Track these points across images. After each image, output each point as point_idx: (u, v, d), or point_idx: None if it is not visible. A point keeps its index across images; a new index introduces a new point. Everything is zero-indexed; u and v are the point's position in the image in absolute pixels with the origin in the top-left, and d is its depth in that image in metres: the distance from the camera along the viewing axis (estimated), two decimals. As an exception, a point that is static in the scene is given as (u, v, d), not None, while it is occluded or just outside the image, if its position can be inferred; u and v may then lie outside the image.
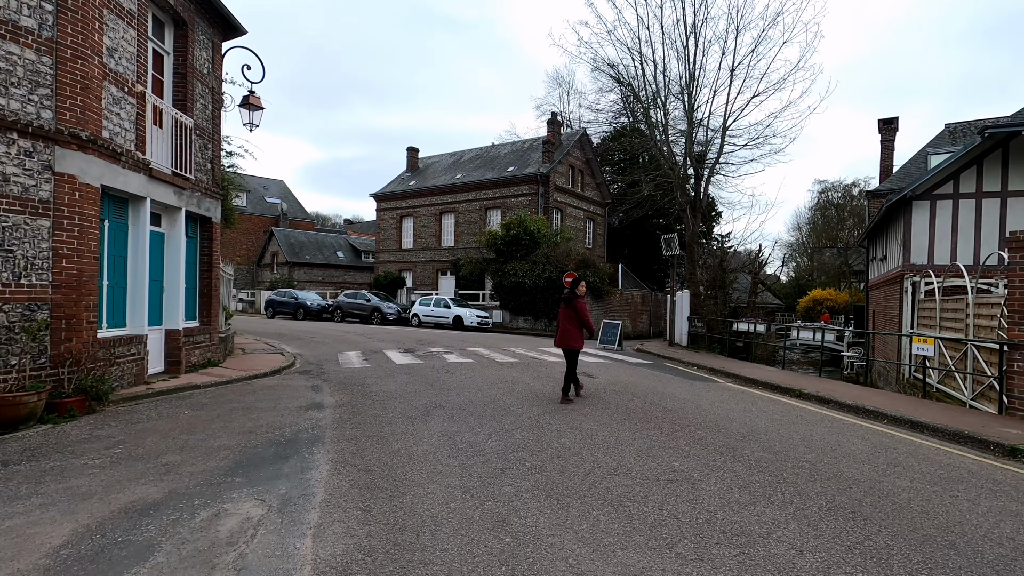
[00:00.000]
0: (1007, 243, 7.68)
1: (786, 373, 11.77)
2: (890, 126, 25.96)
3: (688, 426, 6.47)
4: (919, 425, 7.02)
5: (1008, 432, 6.52)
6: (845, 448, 5.76)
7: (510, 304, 26.70)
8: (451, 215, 34.36)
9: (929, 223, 14.45)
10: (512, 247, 26.42)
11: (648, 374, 11.22)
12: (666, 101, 17.63)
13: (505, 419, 6.57)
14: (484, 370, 10.77)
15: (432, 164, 39.57)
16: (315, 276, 42.69)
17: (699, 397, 8.63)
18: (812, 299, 47.10)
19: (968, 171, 14.03)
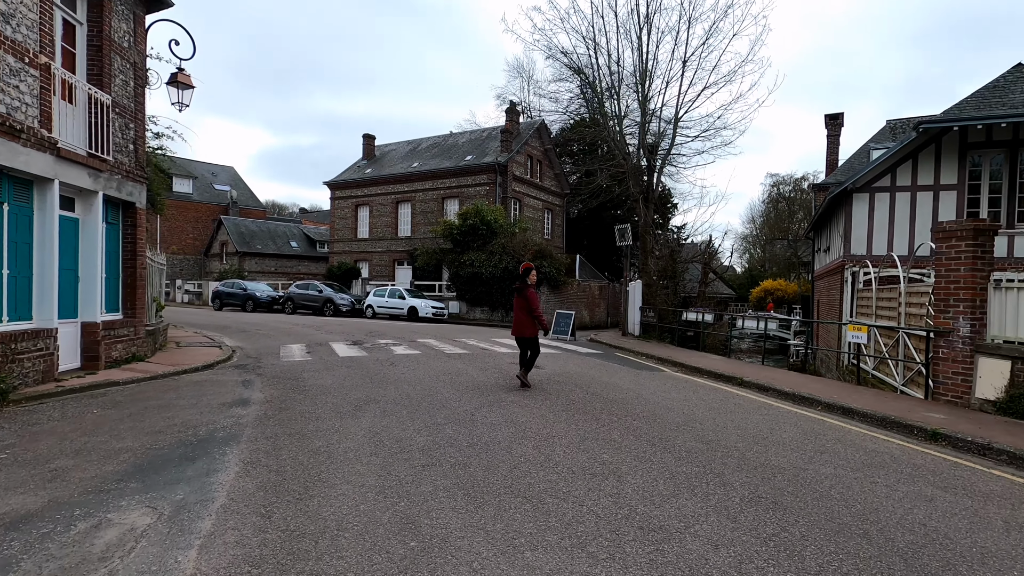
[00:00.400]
0: (934, 234, 7.90)
1: (730, 361, 11.96)
2: (836, 121, 26.79)
3: (626, 416, 6.40)
4: (850, 411, 7.17)
5: (931, 417, 6.71)
6: (776, 436, 5.79)
7: (467, 295, 26.41)
8: (408, 204, 33.71)
9: (868, 215, 14.92)
10: (468, 237, 26.09)
11: (596, 364, 11.19)
12: (620, 91, 17.61)
13: (439, 413, 6.35)
14: (430, 362, 10.51)
15: (389, 152, 38.69)
16: (267, 266, 41.28)
17: (642, 387, 8.61)
18: (763, 289, 48.66)
19: (904, 165, 14.53)
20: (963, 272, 7.44)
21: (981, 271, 7.38)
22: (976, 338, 7.38)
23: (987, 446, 5.52)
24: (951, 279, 7.60)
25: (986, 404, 7.19)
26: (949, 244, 7.64)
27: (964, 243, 7.43)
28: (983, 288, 7.39)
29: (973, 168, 14.07)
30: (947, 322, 7.66)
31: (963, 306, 7.44)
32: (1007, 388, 6.96)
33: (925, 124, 13.32)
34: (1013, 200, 13.68)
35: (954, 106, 13.77)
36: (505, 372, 9.53)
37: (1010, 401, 6.85)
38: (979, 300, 7.38)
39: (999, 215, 13.79)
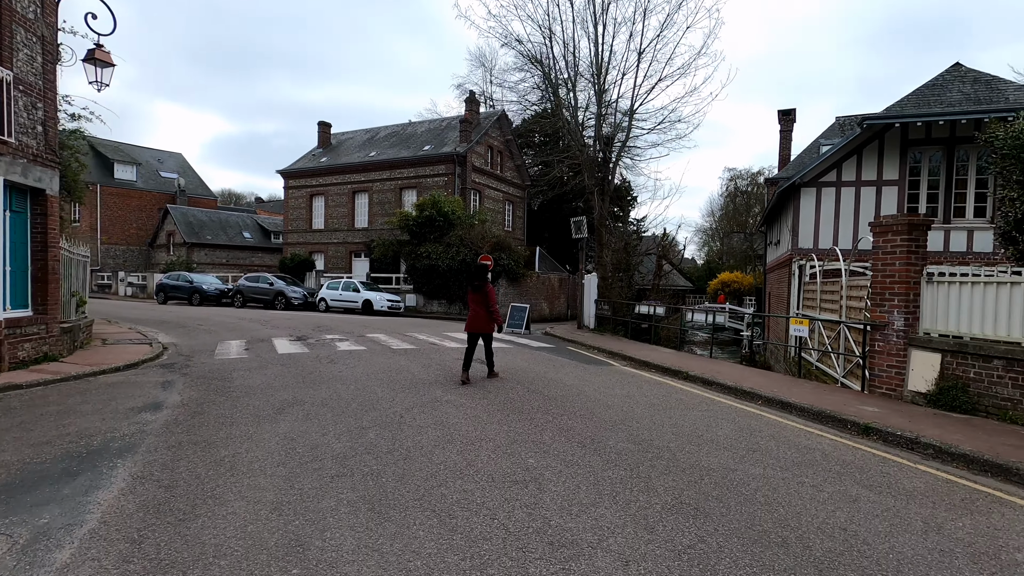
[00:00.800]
0: (871, 228, 7.97)
1: (680, 355, 11.98)
2: (788, 117, 27.33)
3: (562, 416, 6.20)
4: (788, 406, 7.17)
5: (865, 410, 6.76)
6: (712, 434, 5.69)
7: (424, 287, 25.93)
8: (365, 194, 32.84)
9: (815, 209, 15.19)
10: (425, 228, 25.57)
11: (545, 359, 11.01)
12: (576, 82, 17.40)
13: (367, 416, 6.01)
14: (373, 359, 10.11)
15: (346, 141, 37.60)
16: (218, 258, 39.67)
17: (586, 382, 8.45)
18: (721, 281, 49.71)
19: (849, 160, 14.82)
20: (898, 266, 7.52)
21: (915, 265, 7.47)
22: (909, 331, 7.48)
23: (915, 440, 5.55)
24: (886, 273, 7.68)
25: (918, 396, 7.31)
26: (885, 238, 7.71)
27: (899, 237, 7.50)
28: (916, 282, 7.49)
29: (914, 164, 14.47)
30: (882, 316, 7.74)
31: (897, 300, 7.53)
32: (937, 380, 7.07)
33: (869, 120, 13.58)
34: (950, 196, 14.13)
35: (896, 103, 14.09)
36: (449, 369, 9.23)
37: (940, 393, 6.96)
38: (912, 294, 7.48)
39: (936, 210, 14.23)
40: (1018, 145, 6.33)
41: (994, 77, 14.25)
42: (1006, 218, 6.60)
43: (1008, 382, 6.33)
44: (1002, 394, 6.39)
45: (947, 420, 6.33)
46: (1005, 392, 6.36)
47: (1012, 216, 6.45)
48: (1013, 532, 3.59)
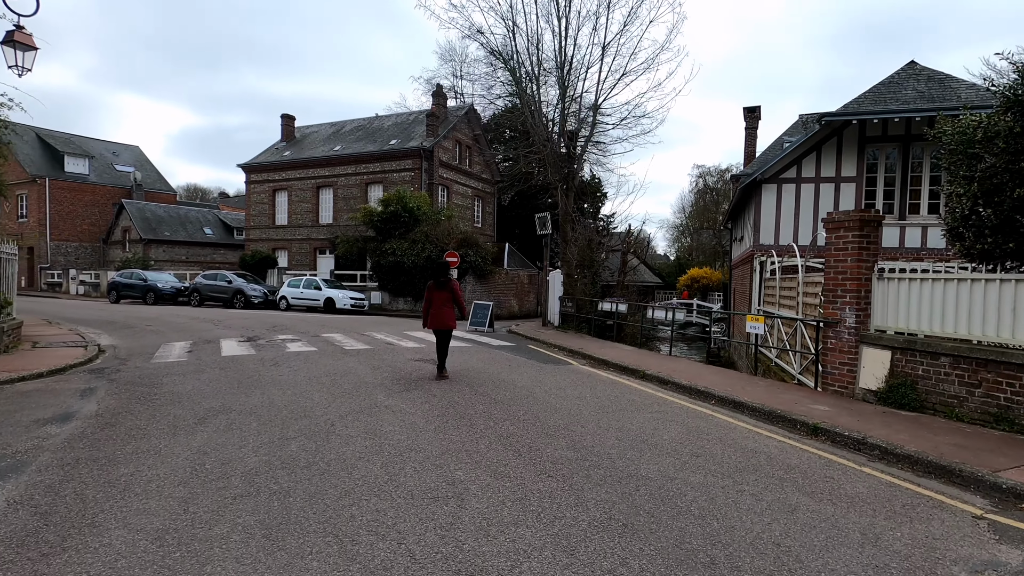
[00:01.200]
0: (824, 224, 7.89)
1: (640, 353, 11.84)
2: (753, 114, 27.57)
3: (504, 421, 5.92)
4: (741, 405, 7.03)
5: (816, 409, 6.66)
6: (657, 438, 5.48)
7: (389, 285, 25.40)
8: (329, 190, 32.04)
9: (776, 205, 15.25)
10: (390, 224, 25.03)
11: (503, 358, 10.73)
12: (540, 75, 17.13)
13: (296, 424, 5.62)
14: (321, 360, 9.68)
15: (310, 134, 36.65)
16: (177, 255, 38.28)
17: (540, 383, 8.20)
18: (690, 277, 50.24)
19: (809, 157, 14.90)
20: (850, 263, 7.44)
21: (866, 262, 7.40)
22: (861, 329, 7.42)
23: (862, 441, 5.43)
24: (839, 270, 7.60)
25: (868, 394, 7.25)
26: (838, 234, 7.63)
27: (851, 234, 7.43)
28: (868, 279, 7.43)
29: (871, 161, 14.62)
30: (835, 312, 7.67)
31: (849, 296, 7.46)
32: (887, 378, 7.02)
33: (827, 117, 13.64)
34: (905, 193, 14.32)
35: (853, 100, 14.20)
36: (400, 371, 8.87)
37: (889, 391, 6.91)
38: (864, 291, 7.41)
39: (893, 207, 14.41)
40: (964, 141, 6.27)
41: (948, 76, 14.47)
42: (953, 214, 6.56)
43: (954, 379, 6.28)
44: (948, 391, 6.35)
45: (895, 419, 6.26)
46: (951, 389, 6.32)
47: (959, 212, 6.40)
48: (951, 541, 3.44)
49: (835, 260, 7.67)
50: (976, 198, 6.10)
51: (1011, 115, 5.84)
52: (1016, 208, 5.73)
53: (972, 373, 6.11)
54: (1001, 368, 5.83)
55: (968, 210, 6.27)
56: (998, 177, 5.85)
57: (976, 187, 6.06)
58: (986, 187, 5.97)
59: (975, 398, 6.08)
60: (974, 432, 5.71)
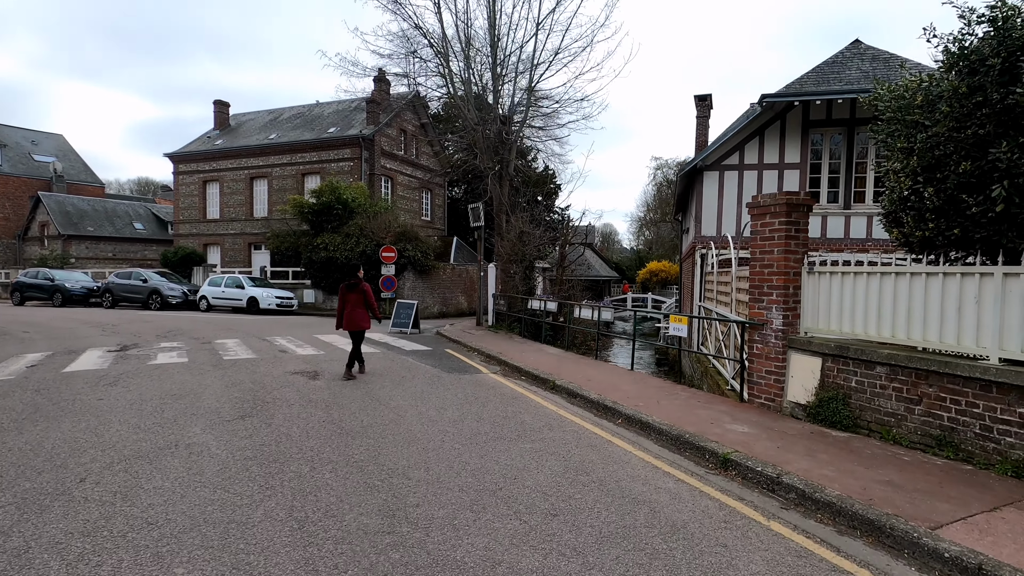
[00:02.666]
0: (749, 210, 6.79)
1: (563, 358, 10.65)
2: (704, 103, 26.74)
3: (328, 463, 4.58)
4: (648, 427, 5.86)
5: (733, 431, 5.53)
6: (520, 484, 4.22)
7: (322, 282, 23.68)
8: (264, 181, 29.97)
9: (718, 194, 14.28)
10: (323, 217, 23.30)
11: (404, 368, 9.38)
12: (468, 51, 15.72)
13: (28, 482, 4.16)
14: (176, 377, 8.15)
15: (246, 122, 34.36)
16: (103, 252, 35.51)
17: (421, 402, 6.89)
18: (649, 271, 49.79)
19: (752, 142, 13.97)
20: (776, 254, 6.35)
21: (795, 253, 6.32)
22: (789, 331, 6.35)
23: (777, 480, 4.30)
24: (764, 262, 6.51)
25: (797, 408, 6.18)
26: (763, 221, 6.53)
27: (777, 220, 6.33)
28: (797, 272, 6.35)
29: (815, 147, 13.77)
30: (760, 312, 6.58)
31: (776, 294, 6.37)
32: (817, 390, 5.95)
33: (768, 98, 12.69)
34: (850, 180, 13.52)
35: (796, 80, 13.30)
36: (262, 388, 7.44)
37: (820, 405, 5.85)
38: (792, 287, 6.34)
39: (838, 195, 13.61)
40: (902, 107, 5.20)
41: (893, 55, 13.71)
42: (891, 196, 5.50)
43: (891, 393, 5.23)
44: (885, 408, 5.30)
45: (823, 442, 5.17)
46: (888, 405, 5.27)
47: (897, 193, 5.35)
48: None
49: (760, 251, 6.57)
50: (916, 175, 5.03)
51: (955, 73, 4.77)
52: (961, 186, 4.67)
53: (911, 386, 5.06)
54: (944, 381, 4.79)
55: (907, 190, 5.21)
56: (941, 148, 4.79)
57: (916, 161, 5.00)
58: (927, 161, 4.91)
59: (915, 416, 5.04)
60: (913, 461, 4.65)
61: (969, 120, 4.60)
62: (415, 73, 16.29)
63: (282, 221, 27.52)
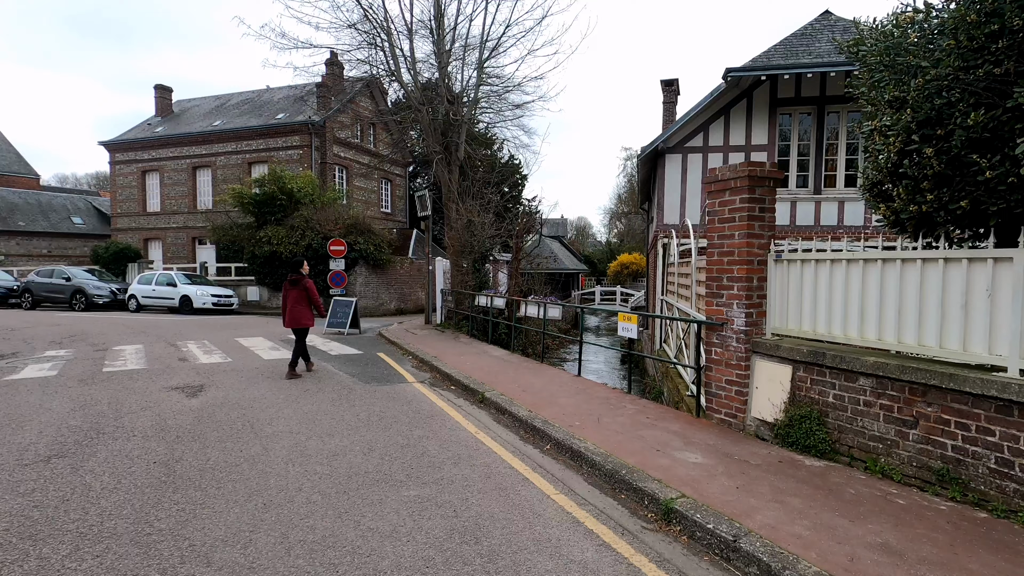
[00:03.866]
0: (705, 186, 5.63)
1: (503, 363, 9.41)
2: (671, 88, 25.76)
3: (117, 534, 3.25)
4: (579, 456, 4.67)
5: (683, 462, 4.37)
6: (377, 562, 2.96)
7: (267, 279, 22.00)
8: (207, 170, 27.99)
9: (681, 178, 13.20)
10: (266, 208, 21.60)
11: (319, 375, 8.04)
12: (413, 27, 14.30)
13: None
14: (23, 397, 6.66)
15: (191, 109, 32.19)
16: (36, 248, 32.89)
17: (312, 425, 5.57)
18: (620, 264, 49.02)
19: (717, 122, 12.91)
20: (737, 239, 5.20)
21: (759, 237, 5.18)
22: (753, 332, 5.21)
23: (734, 545, 3.13)
24: (724, 249, 5.36)
25: (763, 427, 5.06)
26: (722, 199, 5.37)
27: (739, 198, 5.18)
28: (762, 261, 5.21)
29: (783, 128, 12.78)
30: (719, 309, 5.44)
31: (737, 287, 5.22)
32: (787, 406, 4.83)
33: (732, 72, 11.61)
34: (821, 163, 12.57)
35: (762, 54, 12.25)
36: (119, 414, 6.03)
37: (791, 425, 4.72)
38: (757, 279, 5.20)
39: (807, 179, 12.66)
40: (890, 47, 4.07)
41: (865, 29, 12.76)
42: (875, 163, 4.38)
43: (879, 413, 4.13)
44: (871, 430, 4.19)
45: (794, 477, 4.04)
46: (875, 428, 4.16)
47: (883, 159, 4.22)
48: None
49: (719, 236, 5.42)
50: (910, 132, 3.90)
51: (962, -2, 3.64)
52: (971, 143, 3.55)
53: (905, 405, 3.95)
54: (948, 399, 3.69)
55: (897, 154, 4.08)
56: (943, 95, 3.66)
57: (909, 115, 3.86)
58: (925, 113, 3.77)
59: (909, 443, 3.94)
60: (910, 506, 3.53)
61: (981, 57, 3.48)
62: (351, 47, 14.75)
63: (227, 214, 25.61)
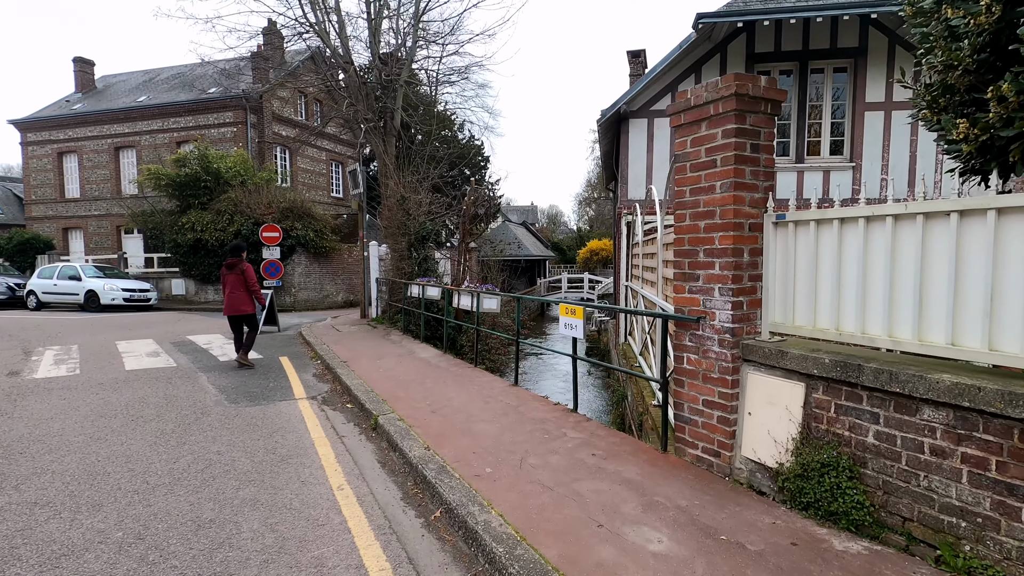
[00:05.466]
0: (671, 119, 3.88)
1: (428, 368, 7.58)
2: (638, 60, 24.08)
3: None
4: (474, 538, 2.89)
5: (636, 552, 2.64)
6: None
7: (193, 270, 19.66)
8: (132, 151, 25.23)
9: (647, 147, 11.51)
10: (188, 191, 19.19)
11: (182, 391, 6.11)
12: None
13: None
14: None
15: (115, 84, 29.18)
16: (-57, 241, 29.57)
17: (101, 478, 3.70)
18: (590, 250, 47.58)
19: (687, 81, 11.21)
20: (720, 193, 3.48)
21: (752, 189, 3.48)
22: (743, 330, 3.52)
23: None
24: (700, 209, 3.63)
25: (759, 473, 3.38)
26: (696, 137, 3.64)
27: (721, 130, 3.45)
28: (756, 224, 3.51)
29: (762, 88, 11.18)
30: (693, 298, 3.72)
31: (720, 264, 3.51)
32: (797, 443, 3.15)
33: (704, 18, 9.90)
34: (803, 128, 11.04)
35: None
36: None
37: (803, 476, 3.04)
38: (749, 251, 3.49)
39: (788, 147, 11.11)
40: None
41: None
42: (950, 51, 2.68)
43: (961, 467, 2.46)
44: (946, 495, 2.53)
45: (825, 587, 2.35)
46: (953, 492, 2.50)
47: (973, 39, 2.53)
48: None
49: (692, 190, 3.69)
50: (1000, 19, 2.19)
51: None
52: None
53: (1015, 458, 2.29)
54: (1105, 455, 2.02)
55: (996, 24, 2.38)
56: None
57: None
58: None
59: (1022, 525, 2.28)
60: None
61: None
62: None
63: (146, 199, 22.95)
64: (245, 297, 7.75)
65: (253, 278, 7.77)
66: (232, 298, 7.73)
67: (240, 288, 7.74)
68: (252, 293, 7.79)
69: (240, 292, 7.74)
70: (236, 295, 7.73)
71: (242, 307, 7.74)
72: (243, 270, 7.70)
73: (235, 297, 7.72)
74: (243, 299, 7.73)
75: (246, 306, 7.77)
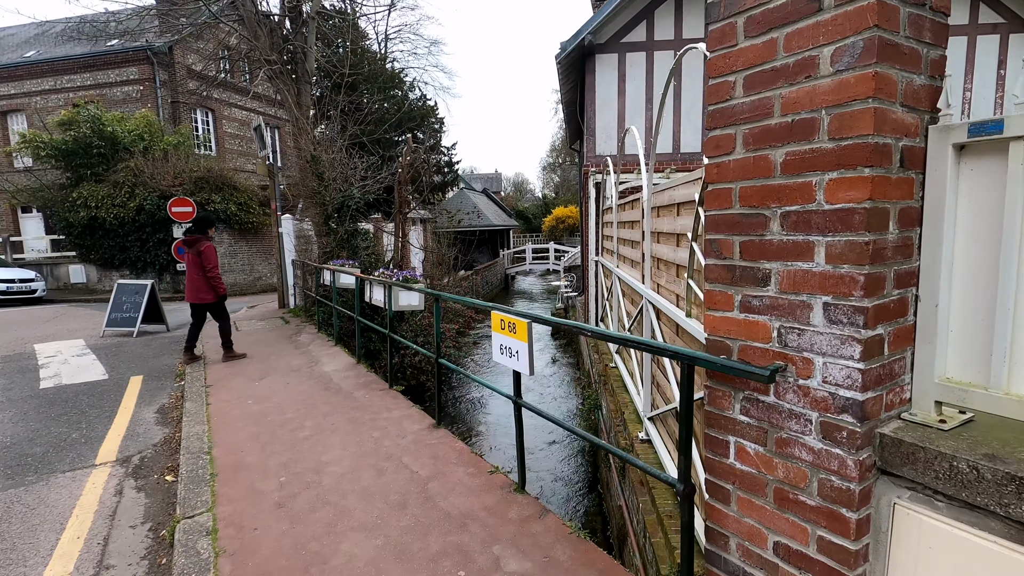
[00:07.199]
0: None
1: (313, 394, 5.48)
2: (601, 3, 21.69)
3: None
4: None
5: None
6: None
7: (92, 253, 16.80)
8: (20, 115, 21.68)
9: (618, 88, 9.36)
10: (78, 160, 16.16)
11: None
12: None
13: None
14: None
15: (3, 38, 25.10)
16: None
17: None
18: (555, 218, 45.55)
19: (666, 5, 9.04)
20: (834, 72, 1.40)
21: (910, 60, 1.41)
22: (881, 403, 1.49)
23: None
24: (773, 123, 1.55)
25: None
26: None
27: (834, -84, 1.35)
28: (914, 149, 1.45)
29: (755, 14, 9.12)
30: (755, 321, 1.67)
31: (830, 249, 1.47)
32: None
33: (691, -87, 7.71)
34: None
35: None
36: None
37: None
38: (898, 214, 1.45)
39: None
40: None
41: None
42: None
43: None
44: None
45: None
46: None
47: None
48: None
49: (752, 78, 1.60)
50: None
51: None
52: None
53: None
54: None
55: None
56: None
57: None
58: None
59: None
60: None
61: None
62: None
63: (43, 172, 19.64)
64: (201, 283, 6.66)
65: (212, 261, 6.61)
66: (192, 282, 6.70)
67: (198, 271, 6.64)
68: (209, 280, 6.64)
69: (199, 276, 6.67)
70: (195, 279, 6.70)
71: (202, 295, 6.69)
72: (200, 251, 6.53)
73: (195, 282, 6.69)
74: (203, 285, 6.68)
75: (204, 294, 6.69)
